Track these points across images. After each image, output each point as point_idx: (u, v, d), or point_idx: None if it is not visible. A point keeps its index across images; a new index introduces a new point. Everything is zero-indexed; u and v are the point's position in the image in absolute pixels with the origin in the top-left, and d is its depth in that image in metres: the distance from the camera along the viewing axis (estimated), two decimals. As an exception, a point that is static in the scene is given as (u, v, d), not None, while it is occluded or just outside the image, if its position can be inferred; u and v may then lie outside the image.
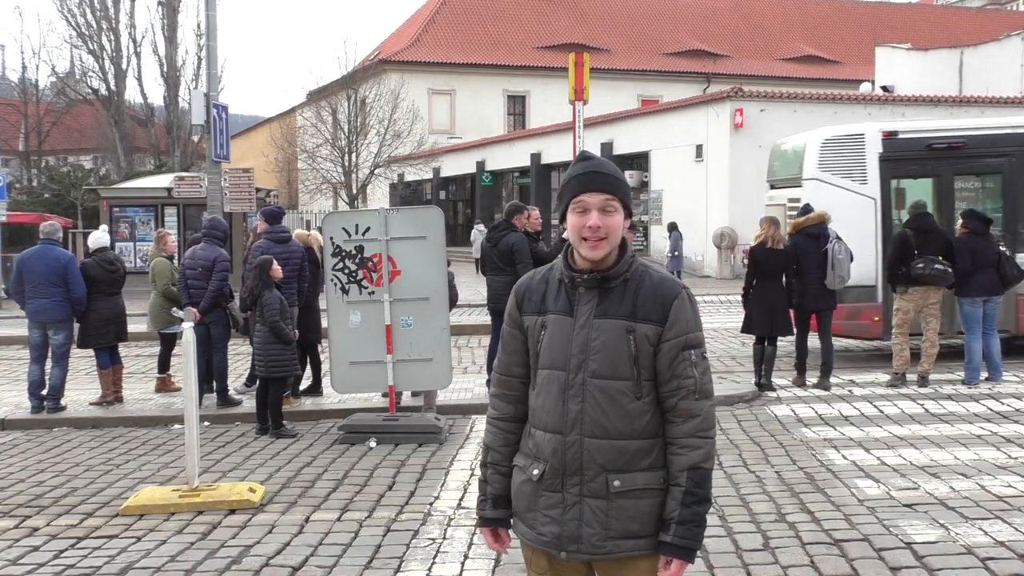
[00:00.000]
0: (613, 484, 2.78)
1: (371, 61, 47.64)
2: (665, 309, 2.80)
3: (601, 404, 2.79)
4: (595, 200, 2.81)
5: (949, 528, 5.82)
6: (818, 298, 10.41)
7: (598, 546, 2.79)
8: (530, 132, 41.51)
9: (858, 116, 27.62)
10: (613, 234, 2.81)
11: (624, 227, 2.88)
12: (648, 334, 2.79)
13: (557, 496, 2.83)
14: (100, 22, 41.61)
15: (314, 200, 41.72)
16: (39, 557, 5.81)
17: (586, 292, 2.85)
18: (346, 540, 5.98)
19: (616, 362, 2.79)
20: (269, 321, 8.80)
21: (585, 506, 2.80)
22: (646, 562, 2.84)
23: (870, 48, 44.93)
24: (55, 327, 10.02)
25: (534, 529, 2.88)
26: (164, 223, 23.17)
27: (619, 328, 2.79)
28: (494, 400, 3.07)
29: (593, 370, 2.80)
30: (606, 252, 2.81)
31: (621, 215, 2.84)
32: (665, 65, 53.67)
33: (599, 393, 2.79)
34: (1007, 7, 69.63)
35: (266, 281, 8.98)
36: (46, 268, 9.86)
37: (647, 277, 2.86)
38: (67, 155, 51.70)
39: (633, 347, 2.78)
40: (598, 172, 2.87)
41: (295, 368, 9.35)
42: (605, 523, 2.79)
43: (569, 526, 2.81)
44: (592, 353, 2.80)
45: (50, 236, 10.13)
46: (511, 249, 9.97)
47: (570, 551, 2.82)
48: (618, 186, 2.86)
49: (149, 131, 44.13)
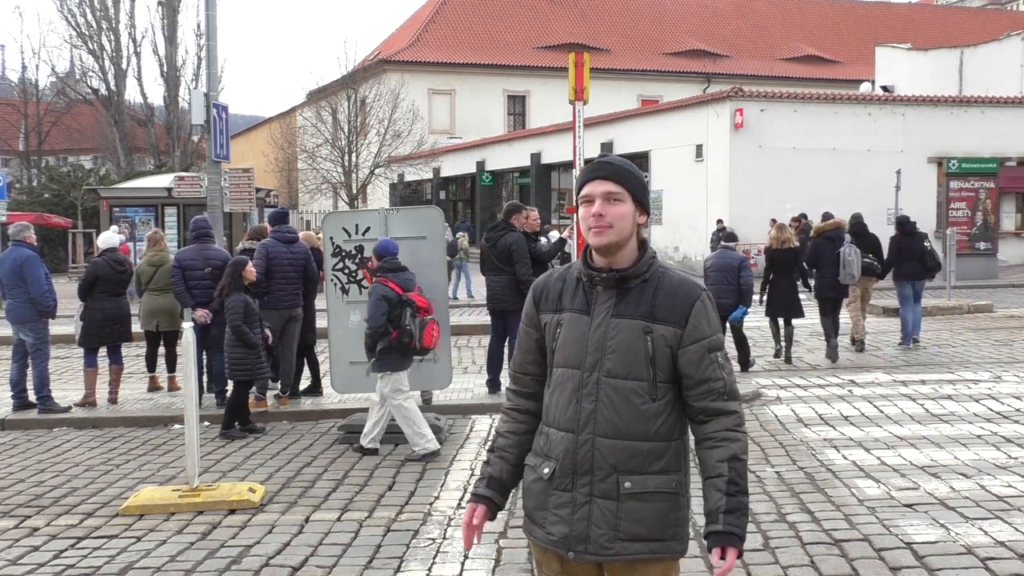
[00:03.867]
0: (624, 485, 2.77)
1: (371, 61, 47.61)
2: (685, 312, 2.79)
3: (615, 403, 2.78)
4: (599, 189, 2.81)
5: (949, 528, 5.82)
6: (832, 289, 12.56)
7: (606, 547, 2.78)
8: (530, 132, 41.48)
9: (858, 116, 27.68)
10: (619, 223, 2.79)
11: (638, 221, 2.86)
12: (666, 336, 2.78)
13: (567, 495, 2.82)
14: (100, 22, 41.64)
15: (314, 200, 41.72)
16: (39, 557, 5.81)
17: (604, 291, 2.84)
18: (346, 540, 5.98)
19: (632, 362, 2.78)
20: (231, 324, 8.77)
21: (595, 506, 2.79)
22: (657, 567, 2.82)
23: (870, 48, 44.98)
24: (22, 327, 10.00)
25: (543, 528, 2.87)
26: (164, 223, 23.17)
27: (636, 328, 2.78)
28: (509, 393, 3.08)
29: (608, 369, 2.78)
30: (611, 240, 2.79)
31: (629, 206, 2.82)
32: (665, 65, 53.67)
33: (613, 392, 2.78)
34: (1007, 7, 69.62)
35: (236, 283, 8.94)
36: (11, 269, 9.87)
37: (667, 278, 2.84)
38: (67, 155, 51.68)
39: (650, 347, 2.77)
40: (602, 162, 2.88)
41: (260, 371, 9.05)
42: (614, 524, 2.77)
43: (578, 526, 2.80)
44: (608, 352, 2.79)
45: (15, 236, 10.13)
46: (509, 249, 9.96)
47: (577, 551, 2.80)
48: (624, 176, 2.84)
49: (149, 131, 44.12)
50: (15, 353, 10.21)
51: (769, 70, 53.69)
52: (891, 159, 26.13)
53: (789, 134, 27.05)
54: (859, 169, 26.82)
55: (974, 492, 6.55)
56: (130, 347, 12.90)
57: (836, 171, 26.77)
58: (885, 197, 24.02)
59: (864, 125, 27.57)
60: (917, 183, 26.52)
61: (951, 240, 19.21)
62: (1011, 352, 12.98)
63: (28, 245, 10.09)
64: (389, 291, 7.86)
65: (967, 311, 17.68)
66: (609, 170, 2.83)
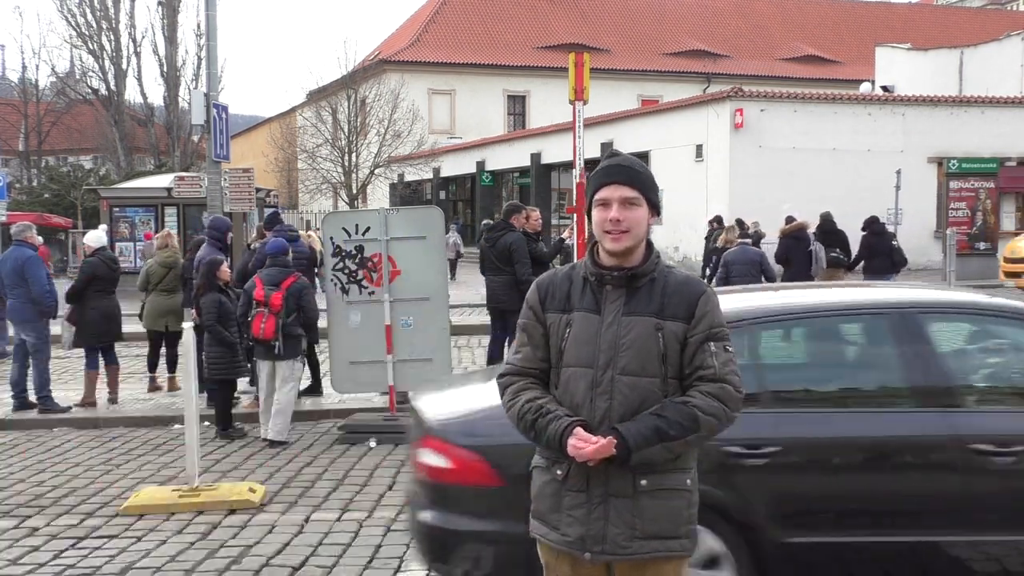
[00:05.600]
0: (640, 483, 2.76)
1: (371, 61, 47.58)
2: (691, 306, 2.81)
3: (629, 401, 2.78)
4: (616, 194, 2.82)
5: (949, 528, 5.81)
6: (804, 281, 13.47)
7: (624, 546, 2.76)
8: (530, 132, 41.48)
9: (858, 116, 27.67)
10: (636, 227, 2.82)
11: (650, 223, 2.88)
12: (676, 331, 2.80)
13: (582, 496, 2.80)
14: (100, 22, 41.57)
15: (314, 200, 41.71)
16: (39, 557, 5.81)
17: (613, 290, 2.85)
18: (346, 540, 5.98)
19: (645, 359, 2.79)
20: (205, 324, 8.78)
21: (610, 505, 2.78)
22: (670, 565, 2.81)
23: (870, 48, 44.95)
24: (22, 327, 10.01)
25: (557, 530, 2.84)
26: (164, 223, 23.16)
27: (648, 325, 2.80)
28: (511, 378, 2.97)
29: (623, 367, 2.79)
30: (628, 245, 2.81)
31: (644, 210, 2.84)
32: (665, 65, 53.66)
33: (628, 390, 2.78)
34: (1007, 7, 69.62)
35: (211, 282, 8.95)
36: (12, 269, 9.88)
37: (672, 276, 2.88)
38: (67, 155, 51.63)
39: (662, 344, 2.79)
40: (619, 165, 2.88)
41: (238, 370, 9.12)
42: (631, 523, 2.76)
43: (595, 526, 2.78)
44: (622, 350, 2.79)
45: (17, 236, 10.14)
46: (509, 249, 9.96)
47: (595, 552, 2.78)
48: (640, 180, 2.85)
49: (149, 131, 44.07)
50: (16, 353, 10.22)
51: (769, 70, 53.66)
52: (891, 159, 26.11)
53: (789, 134, 27.04)
54: (859, 169, 26.80)
55: (974, 492, 6.53)
56: (129, 347, 12.92)
57: (836, 171, 26.75)
58: (885, 197, 23.99)
59: (864, 125, 27.56)
60: (917, 183, 26.51)
61: (951, 240, 19.22)
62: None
63: (29, 245, 10.09)
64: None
65: (967, 311, 17.64)
66: (627, 174, 2.84)
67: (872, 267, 14.52)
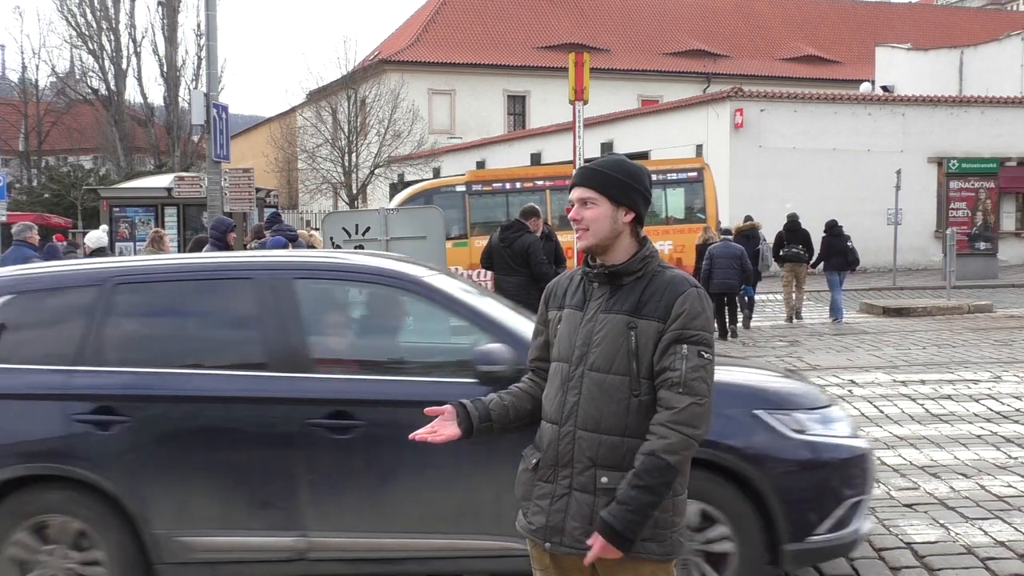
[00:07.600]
0: (600, 480, 2.79)
1: (371, 61, 47.60)
2: (668, 306, 2.80)
3: (595, 397, 2.81)
4: (574, 195, 2.92)
5: (949, 528, 5.83)
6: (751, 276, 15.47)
7: (580, 540, 2.79)
8: (530, 132, 41.51)
9: (858, 116, 27.70)
10: (594, 225, 2.87)
11: (624, 220, 2.88)
12: (651, 330, 2.79)
13: (549, 487, 2.87)
14: (100, 22, 41.63)
15: (314, 200, 41.72)
16: (39, 557, 5.80)
17: (599, 288, 2.90)
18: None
19: (614, 356, 2.80)
20: None
21: (572, 499, 2.82)
22: (648, 567, 2.82)
23: (870, 48, 44.98)
24: None
25: (526, 517, 2.93)
26: (164, 223, 23.17)
27: (621, 323, 2.81)
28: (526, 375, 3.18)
29: (591, 363, 2.83)
30: (590, 243, 2.88)
31: (604, 208, 2.86)
32: (665, 65, 53.67)
33: (594, 386, 2.81)
34: (1007, 7, 69.63)
35: None
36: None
37: (661, 276, 2.87)
38: (67, 155, 51.64)
39: (633, 343, 2.79)
40: (581, 168, 2.99)
41: None
42: (590, 518, 2.79)
43: (555, 517, 2.84)
44: (593, 346, 2.83)
45: (18, 236, 10.13)
46: (526, 251, 10.07)
47: (553, 542, 2.85)
48: (596, 179, 2.89)
49: (149, 131, 44.12)
50: None
51: (769, 70, 53.66)
52: (891, 159, 26.13)
53: (789, 134, 27.08)
54: (859, 169, 26.83)
55: (974, 492, 6.55)
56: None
57: (836, 171, 26.78)
58: (885, 197, 24.01)
59: (864, 125, 27.59)
60: (917, 183, 26.54)
61: (951, 240, 19.23)
62: (1011, 352, 12.98)
63: (30, 245, 10.09)
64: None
65: (967, 311, 17.68)
66: (582, 175, 2.93)
67: (830, 264, 16.74)
